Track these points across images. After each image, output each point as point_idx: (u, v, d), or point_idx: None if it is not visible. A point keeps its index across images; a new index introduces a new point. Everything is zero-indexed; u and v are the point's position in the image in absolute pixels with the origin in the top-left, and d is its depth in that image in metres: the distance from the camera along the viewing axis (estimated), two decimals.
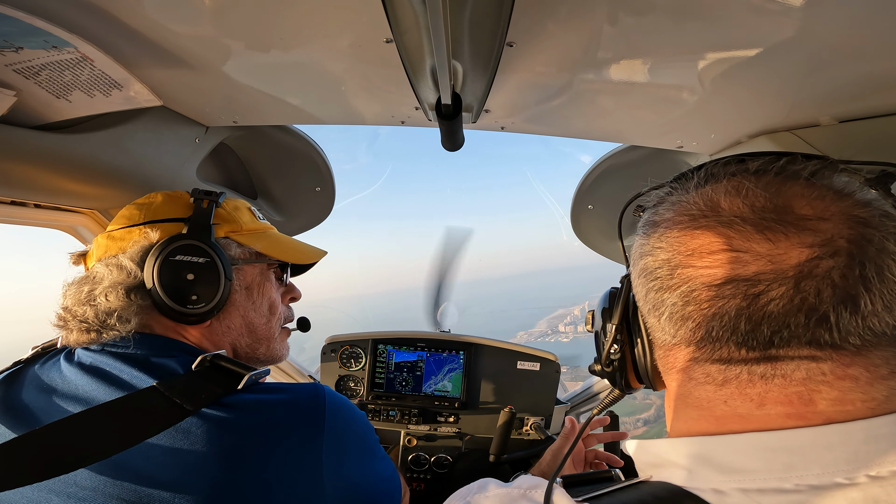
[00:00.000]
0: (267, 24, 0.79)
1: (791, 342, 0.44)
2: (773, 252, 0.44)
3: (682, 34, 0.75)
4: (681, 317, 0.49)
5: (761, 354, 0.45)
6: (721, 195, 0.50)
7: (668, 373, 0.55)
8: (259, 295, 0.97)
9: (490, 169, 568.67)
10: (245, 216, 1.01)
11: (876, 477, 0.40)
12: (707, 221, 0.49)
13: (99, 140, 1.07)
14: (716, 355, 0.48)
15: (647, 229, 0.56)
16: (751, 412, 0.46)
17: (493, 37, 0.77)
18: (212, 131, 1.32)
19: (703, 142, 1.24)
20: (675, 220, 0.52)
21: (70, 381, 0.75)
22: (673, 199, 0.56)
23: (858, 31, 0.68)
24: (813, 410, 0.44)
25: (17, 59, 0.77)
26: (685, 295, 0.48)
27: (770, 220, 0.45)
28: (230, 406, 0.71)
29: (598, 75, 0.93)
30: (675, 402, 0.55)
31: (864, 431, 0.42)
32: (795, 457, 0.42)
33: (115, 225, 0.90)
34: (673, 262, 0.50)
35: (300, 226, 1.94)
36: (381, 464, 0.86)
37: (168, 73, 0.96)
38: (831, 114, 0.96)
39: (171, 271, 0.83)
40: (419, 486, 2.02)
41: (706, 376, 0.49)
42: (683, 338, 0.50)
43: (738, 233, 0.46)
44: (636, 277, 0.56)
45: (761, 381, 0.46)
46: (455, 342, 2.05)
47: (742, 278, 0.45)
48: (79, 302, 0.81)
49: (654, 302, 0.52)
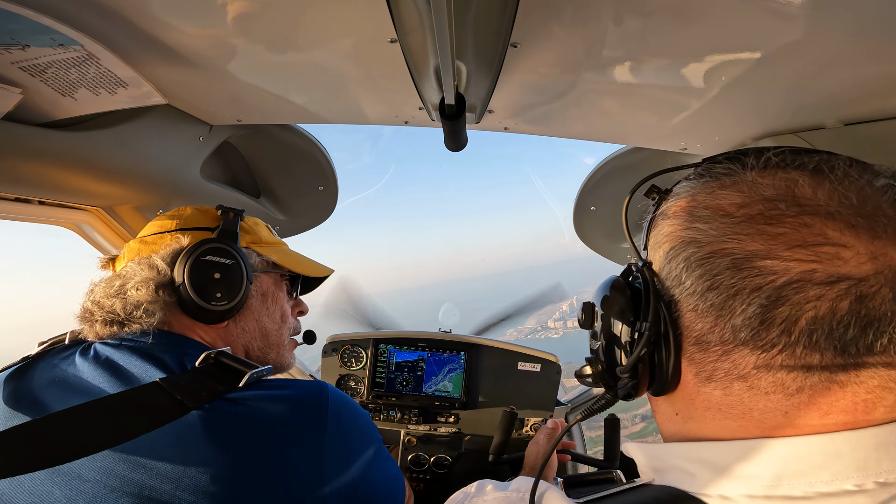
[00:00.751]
0: (272, 24, 0.79)
1: (889, 348, 0.40)
2: (876, 250, 0.40)
3: (687, 36, 0.75)
4: (763, 319, 0.42)
5: (851, 361, 0.40)
6: (796, 184, 0.44)
7: (713, 381, 0.47)
8: (273, 303, 1.04)
9: (492, 169, 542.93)
10: (264, 231, 1.08)
11: (885, 483, 0.39)
12: (791, 207, 0.43)
13: (104, 138, 1.07)
14: (800, 362, 0.41)
15: (694, 210, 0.48)
16: (810, 422, 0.42)
17: (498, 37, 0.77)
18: (216, 130, 1.32)
19: (707, 144, 1.24)
20: (743, 202, 0.45)
21: (81, 373, 0.77)
22: (731, 179, 0.48)
23: (863, 34, 0.68)
24: (869, 419, 0.41)
25: (24, 56, 0.78)
26: (773, 296, 0.41)
27: (867, 217, 0.41)
28: (232, 402, 0.72)
29: (601, 77, 0.93)
30: (704, 412, 0.48)
31: (874, 438, 0.40)
32: (804, 464, 0.41)
33: (147, 231, 0.97)
34: (751, 252, 0.43)
35: (303, 225, 1.95)
36: (384, 464, 0.86)
37: (173, 72, 0.96)
38: (836, 116, 0.96)
39: (201, 270, 0.88)
40: (419, 485, 2.02)
41: (776, 385, 0.43)
42: (762, 342, 0.42)
43: (836, 224, 0.41)
44: (677, 269, 0.48)
45: (838, 388, 0.41)
46: (456, 342, 2.05)
47: (854, 277, 0.39)
48: (108, 295, 0.85)
49: (721, 300, 0.44)
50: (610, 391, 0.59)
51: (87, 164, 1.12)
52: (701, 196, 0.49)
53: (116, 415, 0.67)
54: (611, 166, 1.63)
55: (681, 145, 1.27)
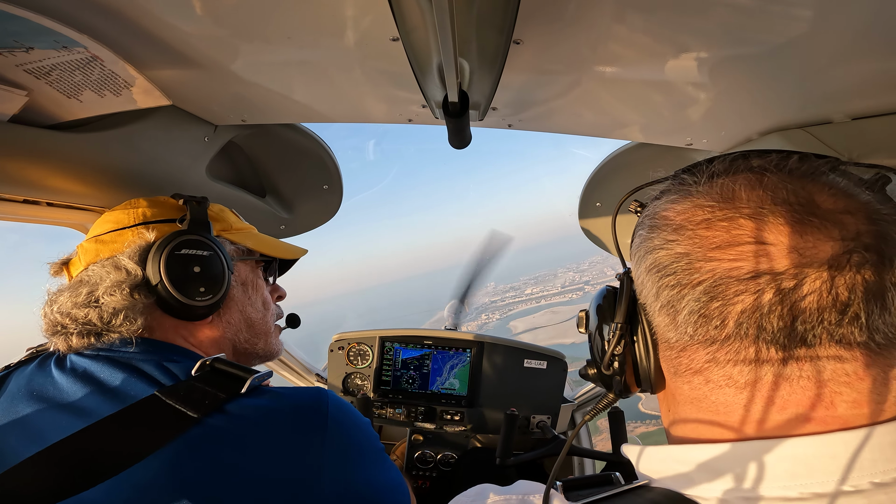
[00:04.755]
0: (275, 23, 0.79)
1: (822, 340, 0.42)
2: (803, 245, 0.42)
3: (692, 30, 0.74)
4: (703, 314, 0.45)
5: (790, 354, 0.43)
6: (740, 187, 0.47)
7: (679, 375, 0.51)
8: (254, 291, 1.01)
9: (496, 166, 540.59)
10: (231, 217, 1.04)
11: (880, 484, 0.40)
12: (728, 212, 0.46)
13: (110, 139, 1.08)
14: (741, 356, 0.45)
15: (655, 222, 0.53)
16: (770, 417, 0.44)
17: (501, 34, 0.76)
18: (221, 130, 1.33)
19: (713, 139, 1.23)
20: (691, 212, 0.49)
21: (61, 388, 0.73)
22: (681, 191, 0.52)
23: (871, 27, 0.67)
24: (833, 414, 0.42)
25: (28, 59, 0.78)
26: (708, 290, 0.45)
27: (797, 212, 0.43)
28: (235, 415, 0.69)
29: (605, 72, 0.93)
30: (684, 406, 0.52)
31: (869, 439, 0.41)
32: (799, 465, 0.42)
33: (101, 229, 0.89)
34: (692, 255, 0.47)
35: (309, 223, 1.95)
36: (387, 473, 0.83)
37: (177, 73, 0.97)
38: (844, 111, 0.94)
39: (178, 265, 0.83)
40: (425, 483, 2.03)
41: (727, 379, 0.46)
42: (704, 337, 0.46)
43: (764, 224, 0.44)
44: (643, 274, 0.53)
45: (786, 383, 0.43)
46: (462, 340, 2.05)
47: (774, 272, 0.42)
48: (78, 305, 0.79)
49: (669, 299, 0.49)
50: (609, 389, 0.62)
51: (94, 166, 1.13)
52: (658, 208, 0.54)
53: (128, 433, 0.64)
54: (616, 162, 1.62)
55: (686, 140, 1.26)
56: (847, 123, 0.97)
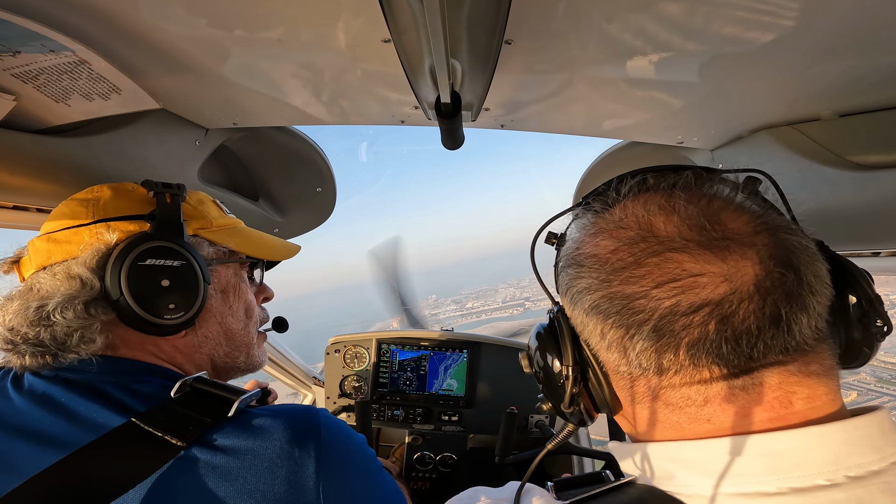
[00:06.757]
0: (265, 26, 0.79)
1: (766, 353, 0.45)
2: (728, 271, 0.44)
3: (682, 29, 0.75)
4: (654, 350, 0.47)
5: (740, 369, 0.46)
6: (654, 215, 0.49)
7: (637, 402, 0.53)
8: (235, 298, 0.89)
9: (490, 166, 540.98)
10: (213, 210, 0.91)
11: (856, 478, 0.41)
12: (653, 245, 0.48)
13: (99, 144, 1.07)
14: (696, 378, 0.47)
15: (581, 260, 0.53)
16: (736, 423, 0.46)
17: (492, 35, 0.76)
18: (212, 133, 1.32)
19: (704, 137, 1.24)
20: (617, 249, 0.50)
21: (22, 413, 0.65)
22: (597, 224, 0.54)
23: (859, 24, 0.68)
24: (792, 411, 0.45)
25: (15, 63, 0.77)
26: (656, 328, 0.46)
27: (714, 239, 0.46)
28: (223, 443, 0.64)
29: (596, 72, 0.93)
30: (649, 427, 0.53)
31: (843, 433, 0.43)
32: (777, 460, 0.43)
33: (55, 225, 0.76)
34: (631, 295, 0.48)
35: (303, 226, 1.95)
36: (387, 492, 0.77)
37: (166, 77, 0.96)
38: (831, 108, 0.96)
39: (142, 278, 0.72)
40: (424, 485, 2.02)
41: (686, 399, 0.48)
42: (658, 368, 0.48)
43: (690, 256, 0.46)
44: (581, 315, 0.53)
45: (742, 392, 0.46)
46: (458, 341, 2.05)
47: (713, 302, 0.44)
48: (28, 322, 0.69)
49: (617, 338, 0.50)
50: (568, 421, 0.63)
51: (84, 171, 1.11)
52: (584, 245, 0.54)
53: (109, 464, 0.59)
54: (609, 161, 1.63)
55: (677, 139, 1.27)
56: (835, 120, 0.98)
